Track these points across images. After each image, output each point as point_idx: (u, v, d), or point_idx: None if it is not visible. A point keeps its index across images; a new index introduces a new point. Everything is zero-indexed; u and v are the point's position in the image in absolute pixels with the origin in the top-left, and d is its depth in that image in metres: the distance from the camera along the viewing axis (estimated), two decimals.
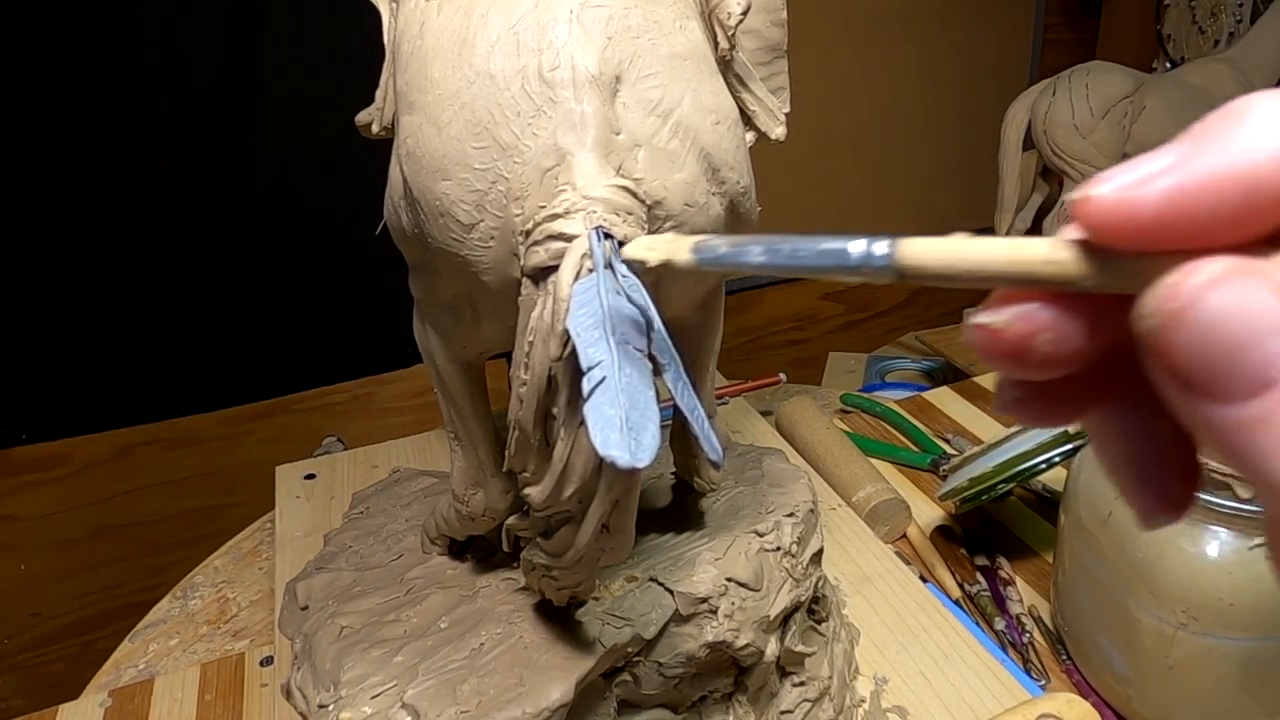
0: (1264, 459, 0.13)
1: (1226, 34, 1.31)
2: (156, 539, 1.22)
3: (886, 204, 1.47)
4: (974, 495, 0.66)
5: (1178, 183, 0.13)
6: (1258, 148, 0.13)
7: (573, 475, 0.33)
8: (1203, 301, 0.13)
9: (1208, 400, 0.13)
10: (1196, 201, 0.13)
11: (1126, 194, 0.14)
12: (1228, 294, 0.13)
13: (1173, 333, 0.13)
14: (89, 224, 1.07)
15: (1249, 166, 0.13)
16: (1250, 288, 0.13)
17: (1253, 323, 0.13)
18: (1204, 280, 0.13)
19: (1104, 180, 0.14)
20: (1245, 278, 0.13)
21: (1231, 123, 0.14)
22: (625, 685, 0.45)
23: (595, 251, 0.31)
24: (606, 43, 0.34)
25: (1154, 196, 0.14)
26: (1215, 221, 0.13)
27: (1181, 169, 0.14)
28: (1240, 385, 0.13)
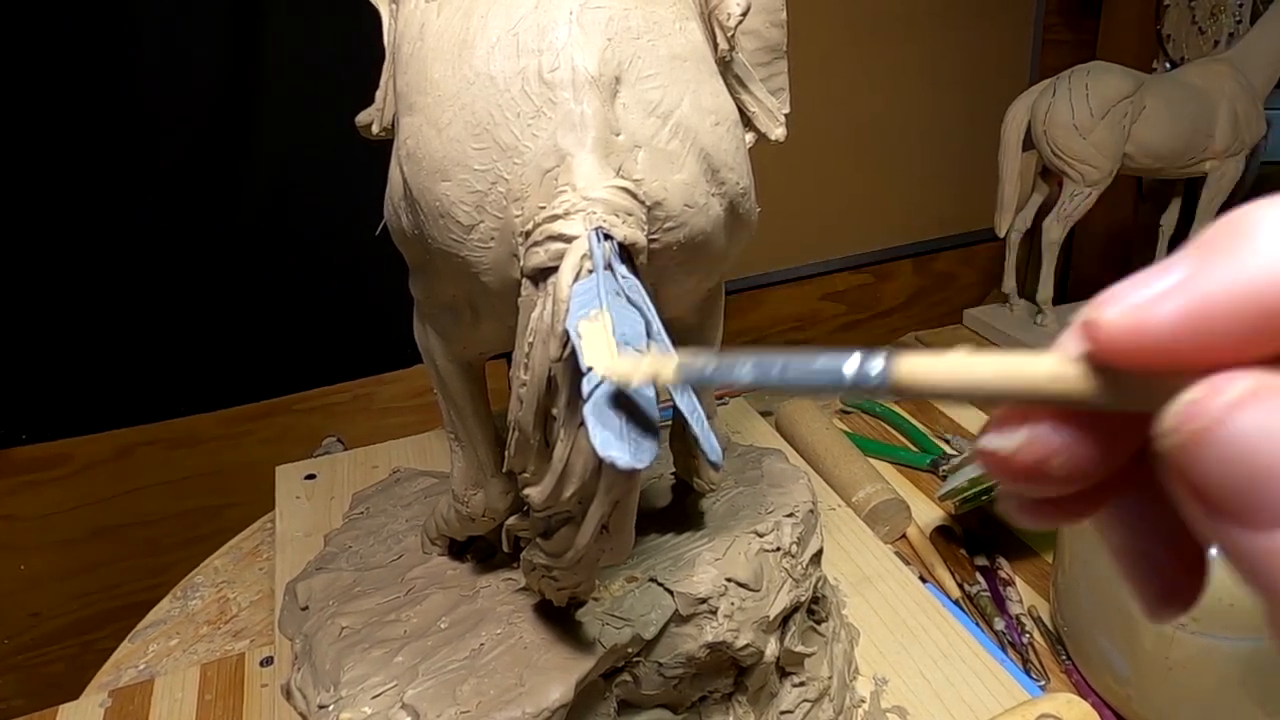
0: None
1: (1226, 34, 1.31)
2: (156, 539, 1.22)
3: (886, 204, 1.47)
4: (974, 495, 0.66)
5: (1189, 303, 0.13)
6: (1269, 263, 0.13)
7: (572, 476, 0.33)
8: (1230, 422, 0.12)
9: (1233, 524, 0.13)
10: (1210, 322, 0.13)
11: (1135, 316, 0.13)
12: (1257, 415, 0.12)
13: (1197, 453, 0.13)
14: (89, 224, 1.07)
15: (1264, 284, 0.13)
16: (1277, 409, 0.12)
17: None
18: (1231, 399, 0.12)
19: (1111, 301, 0.14)
20: (1274, 397, 0.12)
21: (1240, 235, 0.13)
22: (625, 685, 0.45)
23: (595, 252, 0.31)
24: (606, 44, 0.34)
25: (1165, 318, 0.13)
26: (1230, 340, 0.13)
27: (1192, 287, 0.13)
28: (1270, 512, 0.12)
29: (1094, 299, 0.14)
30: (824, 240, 1.45)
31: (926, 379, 0.15)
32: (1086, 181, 0.97)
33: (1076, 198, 0.99)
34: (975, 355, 0.15)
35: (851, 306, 1.53)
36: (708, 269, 0.39)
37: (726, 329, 0.50)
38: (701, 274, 0.40)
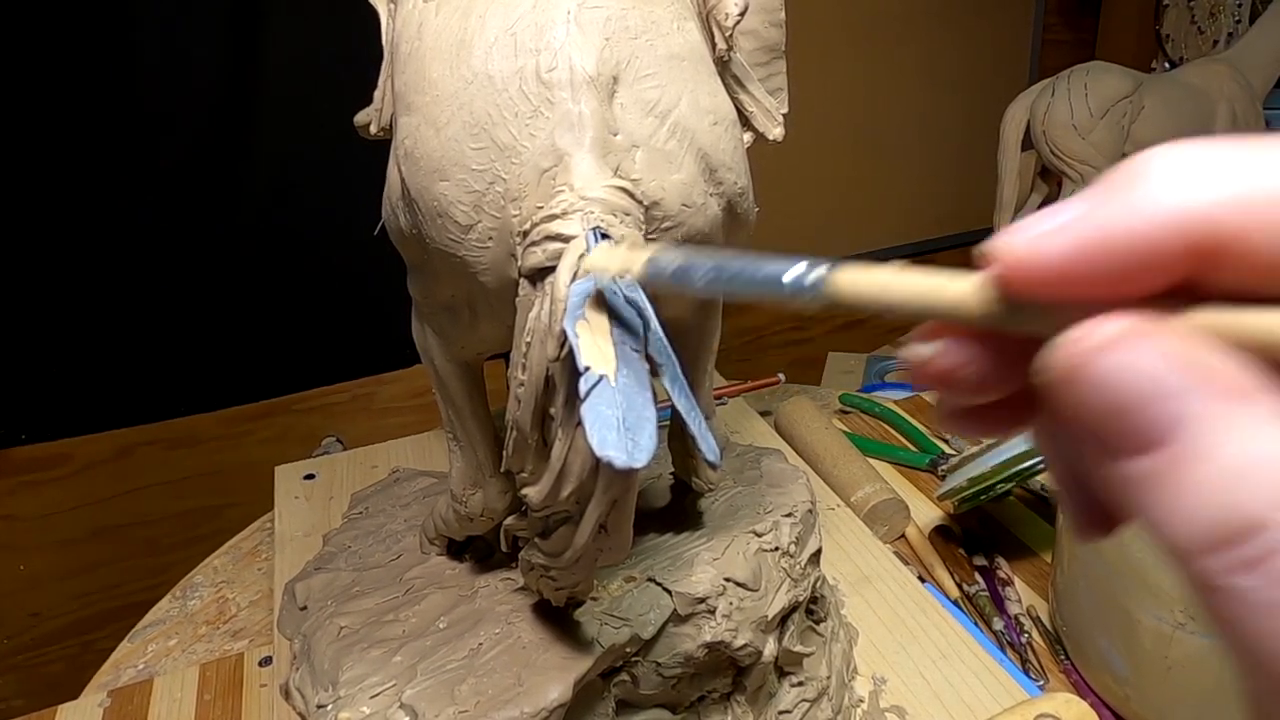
0: (1152, 512, 0.13)
1: (1225, 34, 1.31)
2: (156, 539, 1.22)
3: (885, 204, 1.47)
4: (973, 495, 0.66)
5: (1078, 237, 0.14)
6: (1154, 204, 0.13)
7: (570, 475, 0.33)
8: (1096, 361, 0.14)
9: (1104, 456, 0.14)
10: (1095, 257, 0.14)
11: (1029, 248, 0.14)
12: (1119, 357, 0.13)
13: (1069, 389, 0.14)
14: (89, 224, 1.07)
15: (1144, 223, 0.13)
16: (1142, 350, 0.13)
17: (1144, 384, 0.13)
18: (1097, 341, 0.14)
19: (1012, 232, 0.15)
20: (1137, 339, 0.13)
21: (1132, 177, 0.14)
22: (623, 685, 0.45)
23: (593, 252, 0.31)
24: (604, 43, 0.35)
25: (1057, 250, 0.14)
26: (1115, 275, 0.14)
27: (1083, 223, 0.14)
28: (1133, 442, 0.13)
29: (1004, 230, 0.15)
30: (823, 240, 1.45)
31: (857, 290, 0.16)
32: (1085, 181, 0.97)
33: None
34: (903, 272, 0.16)
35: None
36: None
37: (726, 329, 0.50)
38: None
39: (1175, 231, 0.13)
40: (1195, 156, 0.14)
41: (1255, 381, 0.13)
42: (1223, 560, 0.12)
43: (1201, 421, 0.13)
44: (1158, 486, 0.13)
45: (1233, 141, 0.14)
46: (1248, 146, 0.14)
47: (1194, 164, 0.14)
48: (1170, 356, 0.13)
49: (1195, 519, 0.13)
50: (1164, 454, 0.13)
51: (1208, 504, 0.13)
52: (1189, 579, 0.13)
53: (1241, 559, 0.12)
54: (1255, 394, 0.13)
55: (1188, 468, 0.13)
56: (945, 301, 0.16)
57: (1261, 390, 0.13)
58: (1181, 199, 0.13)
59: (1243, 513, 0.12)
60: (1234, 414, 0.13)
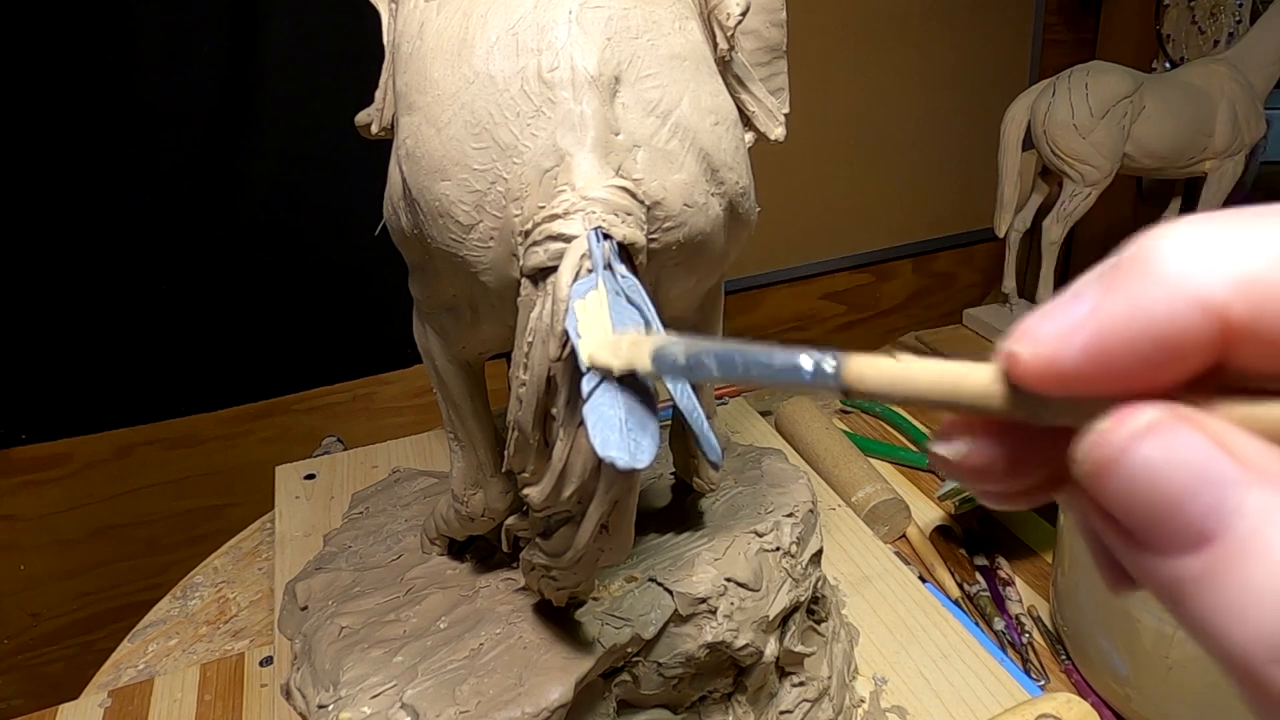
0: (1204, 615, 0.12)
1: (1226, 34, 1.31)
2: (156, 539, 1.22)
3: (886, 204, 1.47)
4: (973, 495, 0.66)
5: (1097, 332, 0.13)
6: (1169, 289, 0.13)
7: (572, 475, 0.33)
8: (1134, 451, 0.13)
9: (1145, 553, 0.13)
10: (1114, 354, 0.13)
11: (1046, 351, 0.14)
12: (1160, 444, 0.13)
13: (1105, 482, 0.13)
14: (89, 224, 1.07)
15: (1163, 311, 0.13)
16: (1182, 437, 0.13)
17: (1187, 474, 0.12)
18: (1135, 429, 0.13)
19: (1025, 336, 0.14)
20: (1177, 427, 0.13)
21: (1143, 260, 0.13)
22: (624, 685, 0.45)
23: (594, 252, 0.31)
24: (606, 43, 0.34)
25: (1073, 352, 0.13)
26: (1135, 369, 0.13)
27: (1100, 316, 0.13)
28: (1177, 539, 0.12)
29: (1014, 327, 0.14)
30: (824, 240, 1.45)
31: (872, 382, 0.16)
32: (1086, 181, 0.97)
33: (1076, 197, 0.99)
34: (918, 362, 0.16)
35: (851, 306, 1.53)
36: (707, 269, 0.39)
37: (726, 329, 0.50)
38: (701, 273, 0.40)
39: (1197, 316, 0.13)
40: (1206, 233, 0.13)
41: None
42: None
43: (1253, 514, 0.12)
44: (1208, 588, 0.12)
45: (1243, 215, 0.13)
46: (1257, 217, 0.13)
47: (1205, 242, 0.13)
48: (1211, 445, 0.12)
49: (1254, 623, 0.12)
50: (1213, 552, 0.12)
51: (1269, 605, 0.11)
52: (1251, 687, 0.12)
53: None
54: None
55: (1242, 567, 0.12)
56: (967, 395, 0.15)
57: None
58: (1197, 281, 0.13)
59: None
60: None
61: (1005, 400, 0.15)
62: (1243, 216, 0.13)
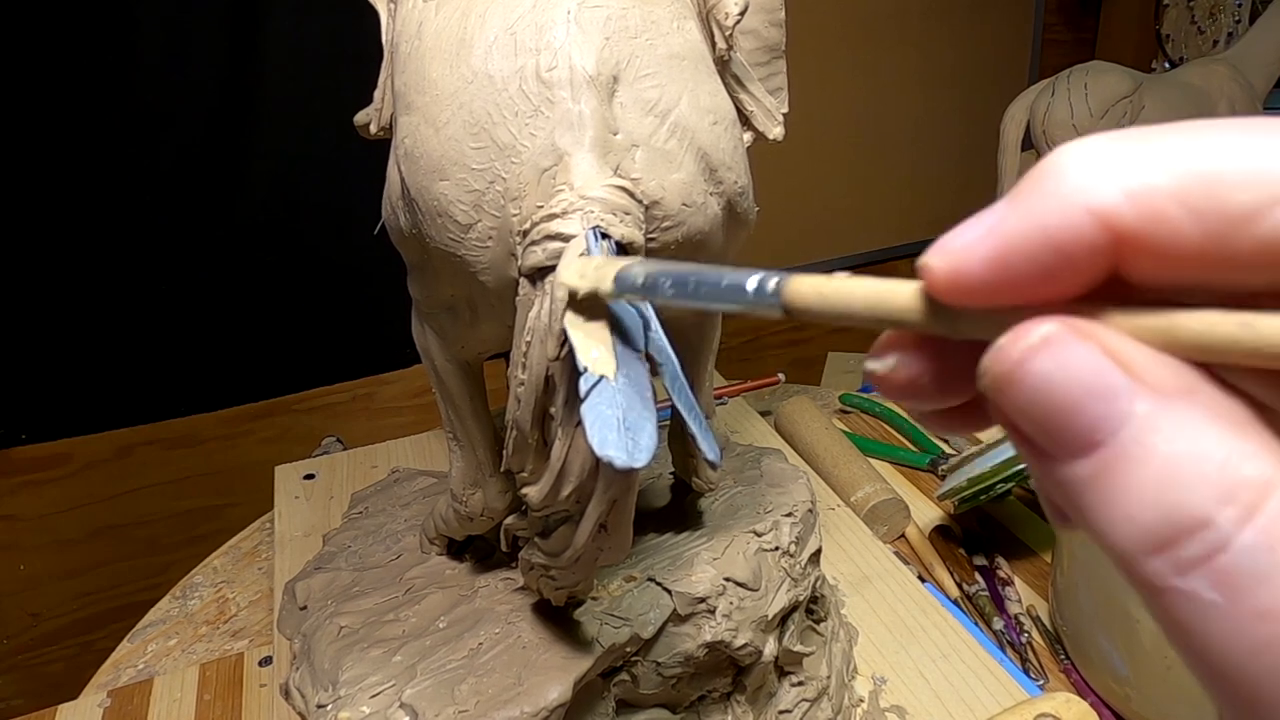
0: (1094, 516, 0.13)
1: (1225, 34, 1.31)
2: (156, 539, 1.22)
3: (885, 204, 1.47)
4: (973, 495, 0.66)
5: (997, 242, 0.14)
6: (1066, 200, 0.13)
7: (570, 475, 0.33)
8: (1030, 365, 0.13)
9: (1044, 461, 0.14)
10: (1015, 260, 0.14)
11: (954, 261, 0.14)
12: (1053, 357, 0.13)
13: (1006, 395, 0.14)
14: (89, 224, 1.07)
15: (1057, 220, 0.13)
16: (1075, 350, 0.13)
17: (1079, 385, 0.13)
18: (1030, 344, 0.13)
19: (937, 248, 0.14)
20: (1070, 339, 0.13)
21: (1045, 174, 0.14)
22: (623, 685, 0.45)
23: (593, 251, 0.31)
24: (604, 43, 0.34)
25: (977, 261, 0.14)
26: (1037, 277, 0.14)
27: (1001, 227, 0.14)
28: (1070, 446, 0.13)
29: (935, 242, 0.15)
30: (823, 240, 1.45)
31: (809, 299, 0.17)
32: None
33: None
34: (851, 280, 0.16)
35: None
36: None
37: (726, 329, 0.50)
38: None
39: (1089, 225, 0.13)
40: (1105, 148, 0.13)
41: (1187, 380, 0.13)
42: (1167, 561, 0.12)
43: (1137, 421, 0.13)
44: (1097, 489, 0.13)
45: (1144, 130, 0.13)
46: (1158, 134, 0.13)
47: (1104, 156, 0.13)
48: (1101, 357, 0.13)
49: (1136, 521, 0.12)
50: (1101, 456, 0.13)
51: (1148, 504, 0.12)
52: (1135, 583, 0.13)
53: (1186, 559, 0.12)
54: (1189, 392, 0.13)
55: (1126, 469, 0.13)
56: (892, 310, 0.16)
57: (1193, 388, 0.13)
58: (1092, 191, 0.13)
59: (1184, 511, 0.12)
60: (1169, 413, 0.13)
61: (926, 315, 0.15)
62: (1144, 133, 0.13)
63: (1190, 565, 0.12)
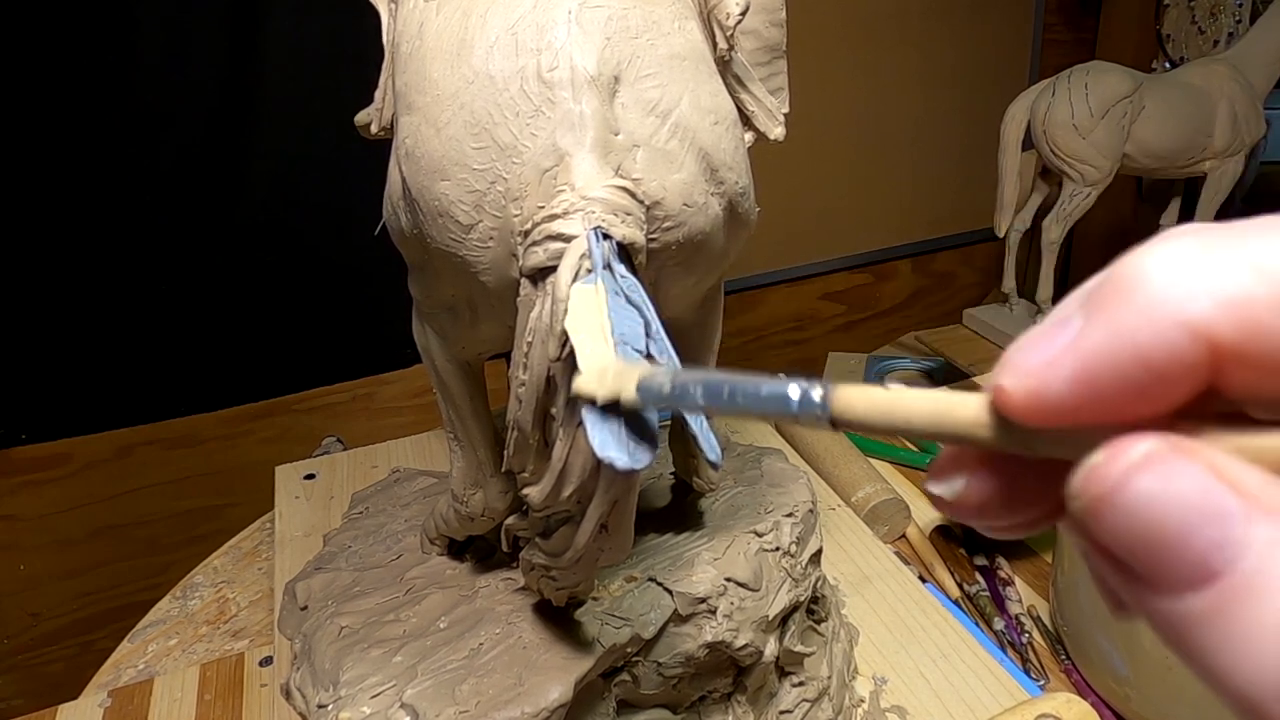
0: (1209, 653, 0.12)
1: (1226, 34, 1.31)
2: (156, 539, 1.22)
3: (886, 204, 1.47)
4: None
5: (1082, 362, 0.13)
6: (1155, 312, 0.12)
7: (571, 475, 0.33)
8: (1130, 486, 0.12)
9: (1146, 591, 0.12)
10: (1102, 381, 0.13)
11: (1034, 383, 0.13)
12: (1157, 478, 0.12)
13: (1102, 519, 0.13)
14: (89, 223, 1.07)
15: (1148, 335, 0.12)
16: (1180, 470, 0.12)
17: (1187, 509, 0.12)
18: (1130, 463, 0.12)
19: (1012, 366, 0.13)
20: (1174, 458, 0.12)
21: (1126, 282, 0.13)
22: (624, 685, 0.45)
23: (594, 252, 0.31)
24: (605, 43, 0.34)
25: (1060, 383, 0.13)
26: (1127, 397, 0.13)
27: (1080, 347, 0.13)
28: (1179, 577, 0.12)
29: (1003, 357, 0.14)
30: (824, 240, 1.45)
31: (861, 413, 0.16)
32: (1086, 181, 0.97)
33: (1076, 197, 0.99)
34: (909, 392, 0.15)
35: (851, 306, 1.53)
36: (707, 268, 0.39)
37: (726, 329, 0.50)
38: (700, 273, 0.40)
39: (1183, 340, 0.12)
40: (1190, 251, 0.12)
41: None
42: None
43: (1259, 549, 0.11)
44: (1214, 626, 0.12)
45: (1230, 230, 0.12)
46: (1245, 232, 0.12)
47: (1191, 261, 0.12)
48: (1210, 477, 0.12)
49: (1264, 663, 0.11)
50: (1218, 589, 0.11)
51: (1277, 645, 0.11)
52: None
53: None
54: None
55: (1248, 604, 0.11)
56: (958, 426, 0.14)
57: None
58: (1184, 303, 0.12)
59: None
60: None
61: (997, 432, 0.14)
62: (1229, 231, 0.12)
63: None
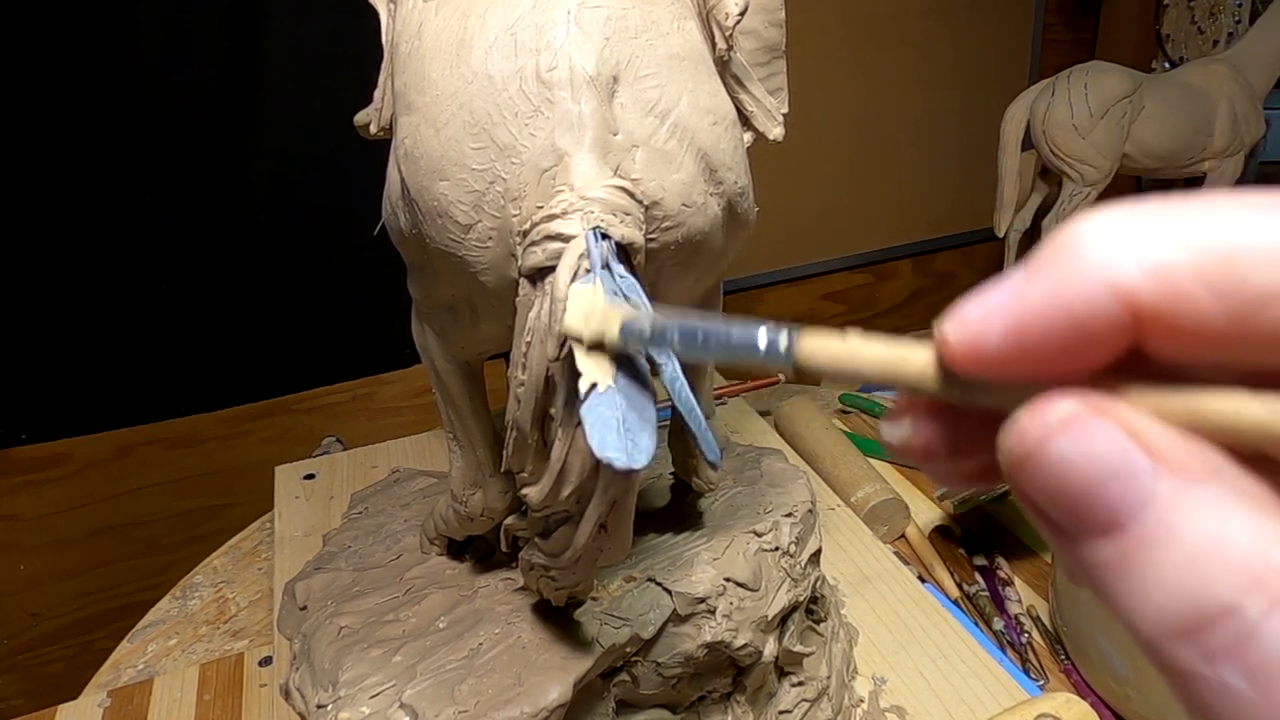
0: (1117, 598, 0.13)
1: (1225, 34, 1.31)
2: (156, 539, 1.22)
3: (886, 204, 1.47)
4: (973, 495, 0.66)
5: (1014, 316, 0.14)
6: (1086, 275, 0.13)
7: (570, 475, 0.33)
8: (1050, 446, 0.13)
9: (1066, 540, 0.13)
10: (1033, 337, 0.13)
11: (971, 333, 0.14)
12: (1074, 439, 0.13)
13: (1025, 474, 0.13)
14: (89, 224, 1.07)
15: (1079, 296, 0.13)
16: (1096, 431, 0.13)
17: (1100, 467, 0.13)
18: (1050, 424, 0.13)
19: (954, 318, 0.14)
20: (1091, 420, 0.13)
21: (1064, 247, 0.13)
22: (623, 685, 0.45)
23: (593, 252, 0.31)
24: (604, 43, 0.34)
25: (995, 334, 0.14)
26: (1055, 353, 0.13)
27: (1018, 301, 0.14)
28: (1092, 527, 0.13)
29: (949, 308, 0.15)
30: (824, 240, 1.45)
31: (822, 358, 0.17)
32: (1086, 181, 0.97)
33: (1076, 197, 0.99)
34: (865, 343, 0.16)
35: (851, 306, 1.53)
36: (706, 268, 0.39)
37: None
38: (699, 273, 0.40)
39: (1109, 301, 0.13)
40: (1125, 222, 0.13)
41: (1210, 461, 0.13)
42: (1193, 648, 0.12)
43: (1162, 503, 0.12)
44: (1120, 571, 0.13)
45: (1165, 204, 0.13)
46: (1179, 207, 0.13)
47: (1123, 229, 0.13)
48: (1123, 436, 0.13)
49: (1162, 605, 0.12)
50: (1125, 538, 0.13)
51: (1174, 589, 0.12)
52: (1160, 668, 0.13)
53: (1212, 647, 0.12)
54: (1213, 474, 0.12)
55: (1149, 552, 0.12)
56: (907, 376, 0.16)
57: (1218, 470, 0.13)
58: (1112, 267, 0.13)
59: (1211, 597, 0.12)
60: (1194, 494, 0.12)
61: (941, 382, 0.15)
62: (1164, 205, 0.13)
63: (1217, 653, 0.12)
